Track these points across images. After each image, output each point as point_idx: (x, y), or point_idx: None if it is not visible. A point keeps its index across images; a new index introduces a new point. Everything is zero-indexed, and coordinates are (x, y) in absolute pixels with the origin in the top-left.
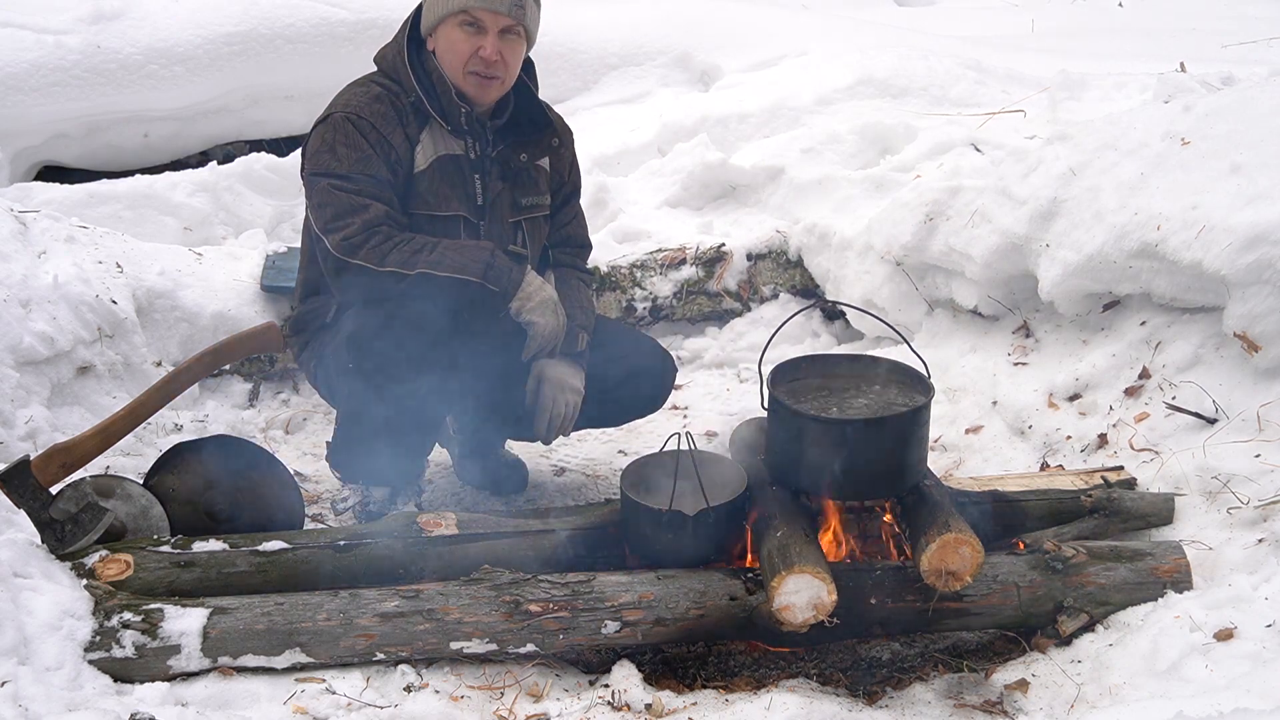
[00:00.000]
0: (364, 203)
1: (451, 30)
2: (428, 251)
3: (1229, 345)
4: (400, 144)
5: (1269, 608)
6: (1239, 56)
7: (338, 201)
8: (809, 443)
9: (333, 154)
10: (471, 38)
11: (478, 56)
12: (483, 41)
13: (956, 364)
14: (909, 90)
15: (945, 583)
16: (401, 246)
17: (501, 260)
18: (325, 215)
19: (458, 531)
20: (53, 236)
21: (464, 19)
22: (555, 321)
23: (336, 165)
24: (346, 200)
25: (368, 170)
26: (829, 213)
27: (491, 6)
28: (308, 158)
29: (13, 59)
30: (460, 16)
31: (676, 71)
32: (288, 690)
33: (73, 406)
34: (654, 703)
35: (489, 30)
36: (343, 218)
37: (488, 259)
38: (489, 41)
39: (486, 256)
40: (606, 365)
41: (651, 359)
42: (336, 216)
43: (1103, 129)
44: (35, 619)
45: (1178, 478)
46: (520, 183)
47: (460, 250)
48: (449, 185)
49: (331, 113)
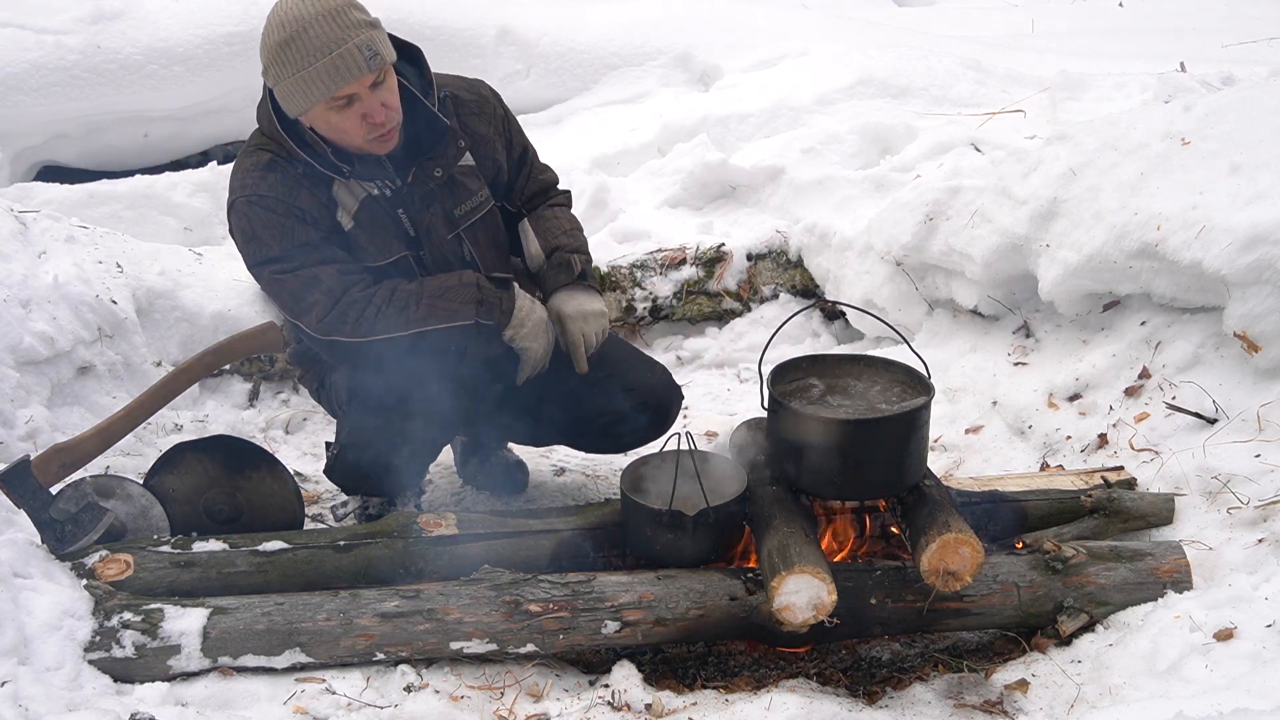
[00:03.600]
0: (312, 274)
1: (325, 114)
2: (413, 306)
3: (1229, 345)
4: (312, 204)
5: (1269, 608)
6: (1239, 56)
7: (288, 286)
8: (809, 443)
9: (257, 241)
10: (349, 110)
11: (367, 124)
12: (363, 108)
13: (956, 364)
14: (909, 90)
15: (945, 583)
16: (383, 308)
17: (489, 293)
18: (287, 303)
19: (458, 531)
20: (53, 236)
21: (332, 103)
22: (546, 342)
23: (267, 250)
24: (295, 281)
25: (295, 241)
26: (829, 213)
27: (352, 77)
28: (241, 252)
29: (13, 59)
30: (326, 103)
31: (676, 71)
32: (288, 690)
33: (73, 406)
34: (654, 703)
35: (362, 96)
36: (303, 299)
37: (475, 295)
38: (369, 105)
39: (473, 293)
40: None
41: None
42: (297, 300)
43: (1103, 129)
44: (35, 619)
45: (1178, 478)
46: (448, 194)
47: (444, 294)
48: (382, 229)
49: (234, 200)
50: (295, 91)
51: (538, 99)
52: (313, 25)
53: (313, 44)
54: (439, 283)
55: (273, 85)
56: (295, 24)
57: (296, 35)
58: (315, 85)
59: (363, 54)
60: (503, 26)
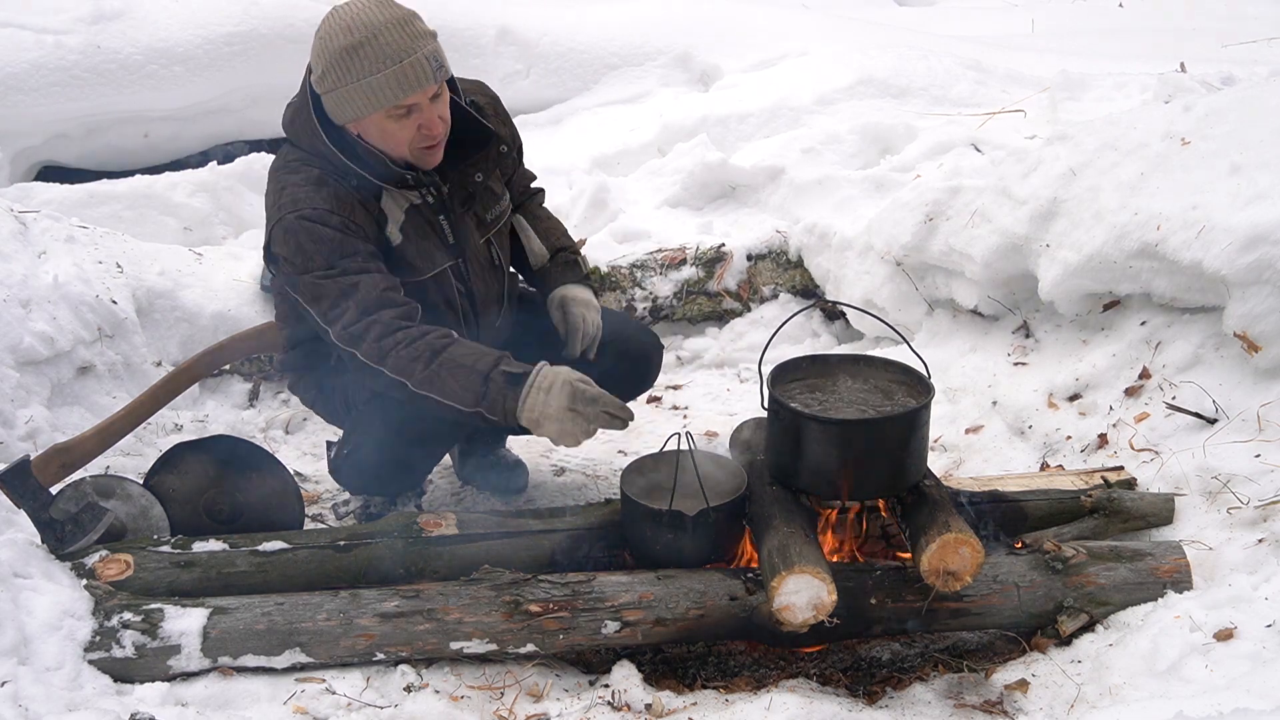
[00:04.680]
0: (352, 281)
1: (382, 122)
2: (423, 364)
3: (1229, 345)
4: (365, 220)
5: (1269, 608)
6: (1239, 56)
7: (326, 290)
8: (809, 443)
9: (304, 254)
10: (408, 120)
11: (422, 134)
12: (421, 119)
13: (956, 364)
14: (909, 90)
15: (945, 583)
16: (400, 349)
17: (496, 387)
18: (321, 308)
19: (458, 531)
20: (53, 236)
21: (393, 112)
22: (572, 426)
23: (312, 261)
24: (333, 286)
25: (344, 253)
26: (829, 213)
27: (420, 86)
28: (281, 265)
29: (13, 59)
30: (387, 111)
31: (676, 71)
32: (288, 690)
33: (73, 406)
34: (654, 703)
35: (423, 107)
36: (337, 304)
37: (480, 388)
38: (427, 116)
39: (479, 385)
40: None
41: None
42: (331, 306)
43: (1103, 129)
44: (35, 619)
45: (1178, 478)
46: (481, 200)
47: (456, 370)
48: (425, 239)
49: (282, 216)
50: (356, 97)
51: (538, 99)
52: (383, 32)
53: (383, 51)
54: (459, 353)
55: (329, 89)
56: (364, 29)
57: (366, 41)
58: (381, 92)
59: (430, 64)
60: (503, 26)
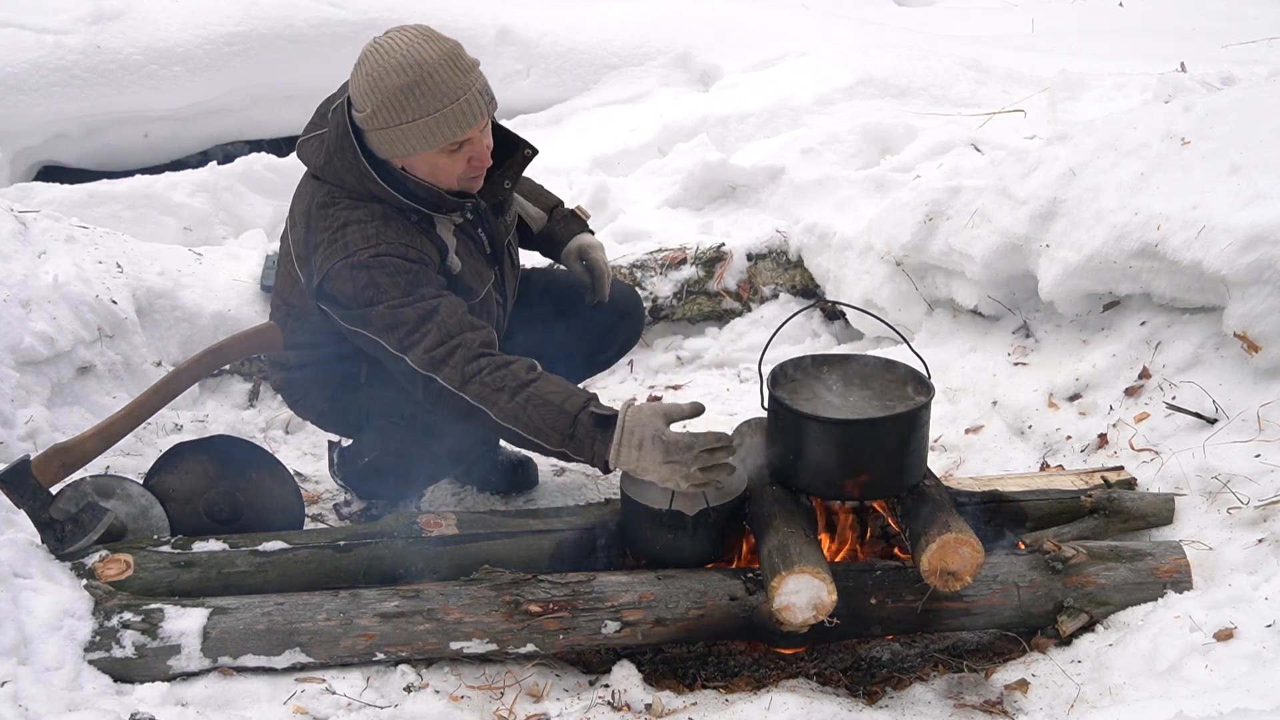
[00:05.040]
0: (432, 305)
1: (435, 158)
2: (508, 396)
3: (1229, 345)
4: (433, 253)
5: (1269, 608)
6: (1239, 56)
7: (404, 318)
8: (809, 443)
9: (377, 288)
10: (460, 154)
11: (471, 166)
12: (472, 150)
13: (956, 364)
14: (909, 90)
15: (945, 583)
16: (484, 375)
17: (584, 430)
18: (398, 336)
19: (458, 531)
20: (53, 236)
21: (448, 147)
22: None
23: (388, 294)
24: (413, 313)
25: (420, 283)
26: (829, 213)
27: (475, 123)
28: (349, 300)
29: (13, 59)
30: (443, 147)
31: (676, 71)
32: (288, 690)
33: (73, 406)
34: (654, 703)
35: (474, 139)
36: (416, 330)
37: (569, 428)
38: (477, 149)
39: (568, 425)
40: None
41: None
42: (410, 331)
43: (1103, 129)
44: (35, 619)
45: (1178, 478)
46: (505, 205)
47: (543, 405)
48: (474, 256)
49: (351, 254)
50: (411, 136)
51: (538, 99)
52: (437, 71)
53: (438, 90)
54: (546, 389)
55: (379, 128)
56: (418, 69)
57: (421, 81)
58: (438, 131)
59: (483, 99)
60: (503, 26)
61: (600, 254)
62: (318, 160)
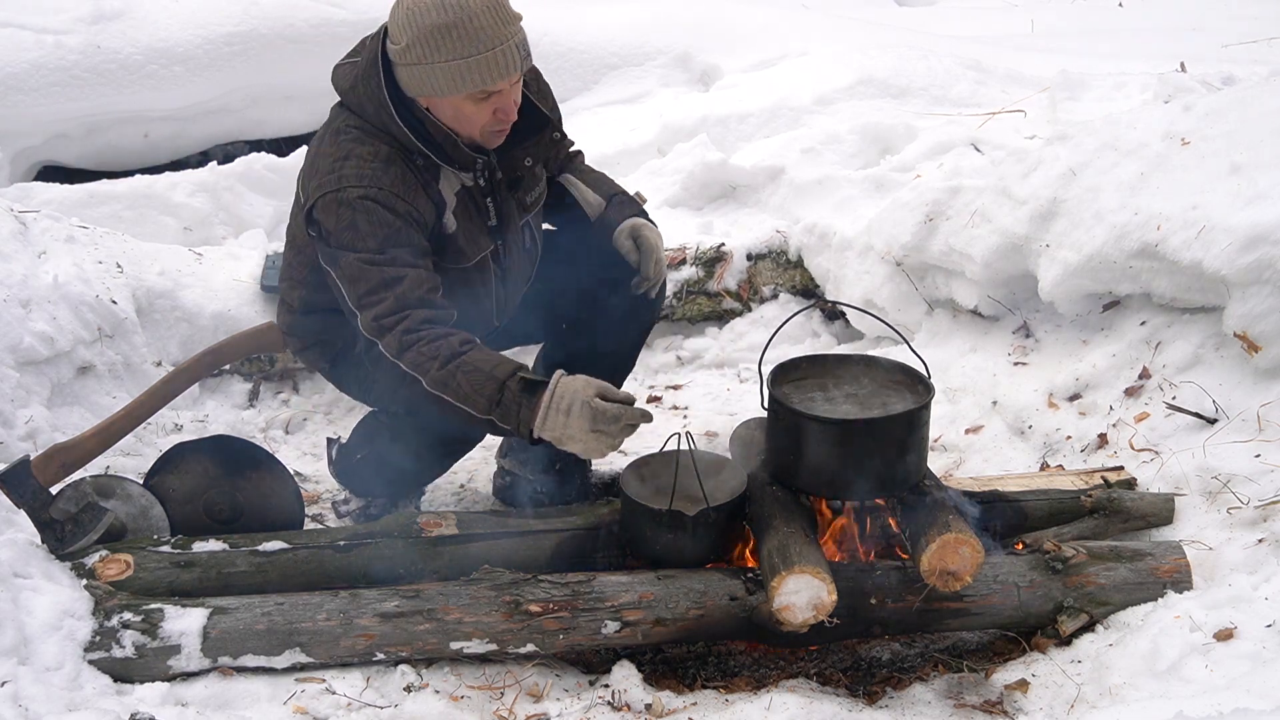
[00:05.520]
0: (398, 273)
1: (461, 103)
2: (439, 364)
3: (1229, 345)
4: (427, 209)
5: (1269, 608)
6: (1239, 56)
7: (368, 276)
8: (809, 443)
9: (355, 232)
10: (486, 104)
11: (496, 118)
12: (499, 103)
13: (956, 364)
14: (909, 90)
15: (945, 583)
16: (421, 345)
17: (511, 395)
18: (358, 290)
19: (458, 531)
20: (53, 236)
21: (476, 95)
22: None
23: (363, 242)
24: (378, 274)
25: (398, 242)
26: (829, 213)
27: (508, 74)
28: (328, 234)
29: (13, 59)
30: (472, 93)
31: (676, 71)
32: (288, 690)
33: (73, 406)
34: (654, 703)
35: (504, 91)
36: (375, 293)
37: (495, 394)
38: (505, 101)
39: (495, 390)
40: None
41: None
42: (369, 292)
43: (1103, 129)
44: (35, 619)
45: (1178, 478)
46: (524, 182)
47: (472, 373)
48: (474, 227)
49: (343, 188)
50: (441, 76)
51: None
52: (479, 15)
53: (477, 34)
54: (477, 358)
55: (411, 63)
56: (459, 9)
57: (461, 22)
58: (469, 76)
59: (520, 52)
60: None
61: (651, 233)
62: (344, 84)
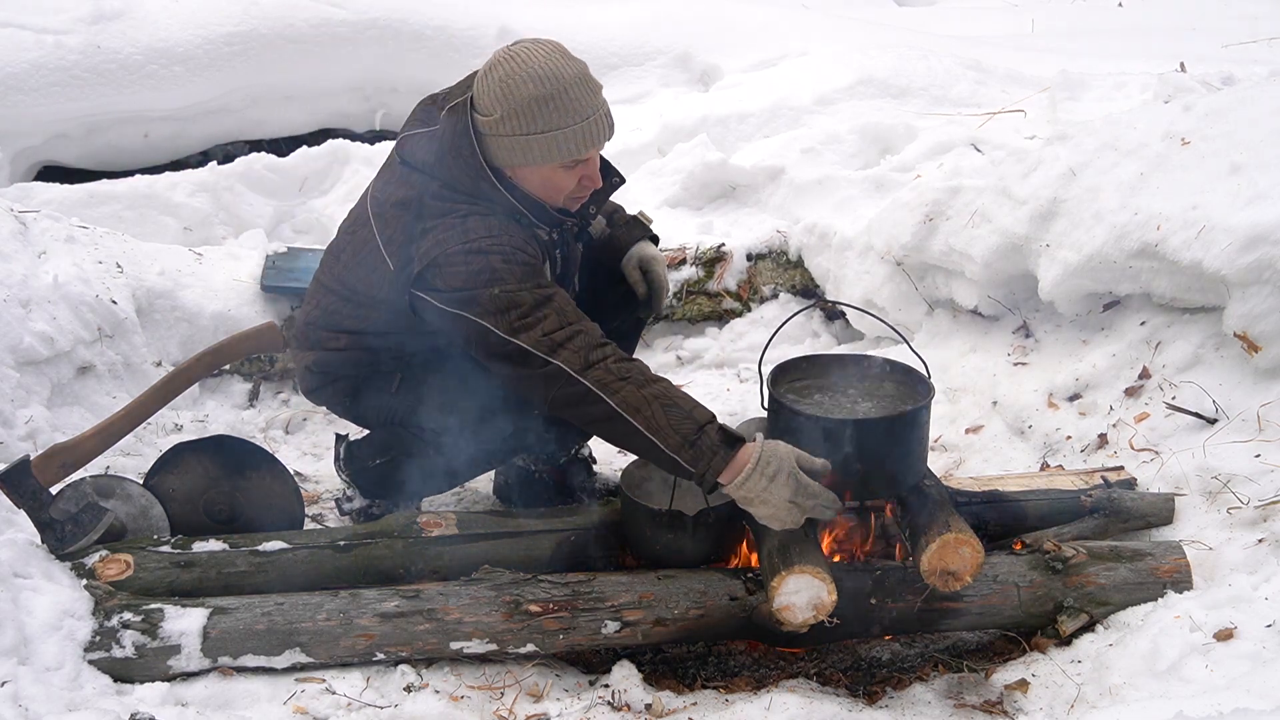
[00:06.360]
0: (548, 292)
1: (552, 172)
2: (634, 386)
3: (1229, 345)
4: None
5: (1269, 608)
6: (1239, 56)
7: (519, 301)
8: (809, 443)
9: (493, 272)
10: (574, 171)
11: (581, 185)
12: (585, 170)
13: (956, 364)
14: (909, 90)
15: (945, 583)
16: (609, 363)
17: (709, 442)
18: (510, 318)
19: (458, 531)
20: (53, 236)
21: (567, 164)
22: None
23: (504, 276)
24: (530, 296)
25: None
26: (829, 213)
27: (599, 144)
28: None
29: (13, 59)
30: (566, 162)
31: (676, 71)
32: (288, 690)
33: (73, 406)
34: (654, 703)
35: (591, 160)
36: (533, 312)
37: (693, 434)
38: (591, 169)
39: (693, 431)
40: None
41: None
42: (526, 313)
43: (1103, 129)
44: (35, 619)
45: (1178, 478)
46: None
47: (669, 406)
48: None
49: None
50: (537, 148)
51: None
52: (573, 88)
53: (572, 106)
54: (675, 393)
55: (506, 134)
56: (555, 82)
57: (557, 95)
58: (565, 146)
59: (608, 121)
60: (503, 26)
61: (661, 268)
62: (426, 157)
